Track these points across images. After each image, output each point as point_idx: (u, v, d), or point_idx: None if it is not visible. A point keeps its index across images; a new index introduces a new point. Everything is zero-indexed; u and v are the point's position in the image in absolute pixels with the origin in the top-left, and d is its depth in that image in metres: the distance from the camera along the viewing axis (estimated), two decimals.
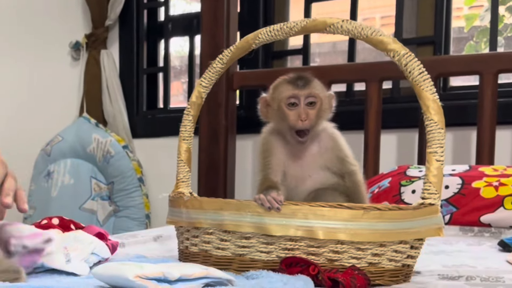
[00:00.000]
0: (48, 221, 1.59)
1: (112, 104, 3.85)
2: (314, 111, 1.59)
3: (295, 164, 1.62)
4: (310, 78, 1.62)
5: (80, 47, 4.00)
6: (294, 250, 1.39)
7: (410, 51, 1.44)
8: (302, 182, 1.61)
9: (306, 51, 3.52)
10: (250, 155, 3.57)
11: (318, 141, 1.63)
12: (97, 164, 3.75)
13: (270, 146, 1.63)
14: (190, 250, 1.53)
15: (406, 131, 3.17)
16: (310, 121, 1.57)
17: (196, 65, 3.82)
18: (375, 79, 2.98)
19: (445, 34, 3.23)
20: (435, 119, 1.41)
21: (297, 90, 1.59)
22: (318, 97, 1.59)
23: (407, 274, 1.45)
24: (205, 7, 3.31)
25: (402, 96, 3.29)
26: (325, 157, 1.62)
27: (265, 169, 1.60)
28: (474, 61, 2.86)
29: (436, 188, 1.41)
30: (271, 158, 1.61)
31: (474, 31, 3.50)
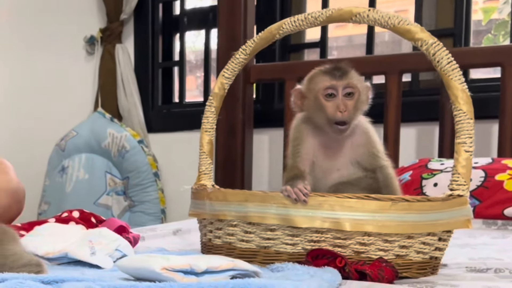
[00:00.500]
0: (69, 214, 1.58)
1: (127, 99, 3.85)
2: (352, 102, 1.55)
3: (325, 156, 1.59)
4: (347, 69, 1.58)
5: (95, 41, 4.00)
6: (320, 242, 1.37)
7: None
8: (329, 175, 1.59)
9: (324, 44, 3.50)
10: (266, 149, 3.56)
11: (351, 136, 1.59)
12: (112, 159, 3.75)
13: (302, 134, 1.60)
14: (213, 243, 1.52)
15: (425, 124, 3.15)
16: (349, 112, 1.54)
17: (212, 59, 3.81)
18: (394, 71, 2.95)
19: (465, 26, 3.20)
20: (464, 109, 1.39)
21: (335, 80, 1.55)
22: (356, 88, 1.56)
23: (434, 266, 1.44)
24: (222, 1, 3.29)
25: (422, 89, 3.27)
26: (356, 152, 1.59)
27: (294, 157, 1.58)
28: (495, 53, 2.84)
29: (465, 179, 1.40)
30: (301, 146, 1.59)
31: (492, 24, 3.47)
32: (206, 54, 3.84)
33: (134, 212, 3.71)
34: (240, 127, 3.26)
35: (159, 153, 3.85)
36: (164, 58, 3.99)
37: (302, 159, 1.57)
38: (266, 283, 1.12)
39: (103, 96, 3.92)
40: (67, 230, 1.49)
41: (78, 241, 1.38)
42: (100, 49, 3.98)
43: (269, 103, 3.61)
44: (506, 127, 2.75)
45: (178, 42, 3.96)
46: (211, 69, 3.83)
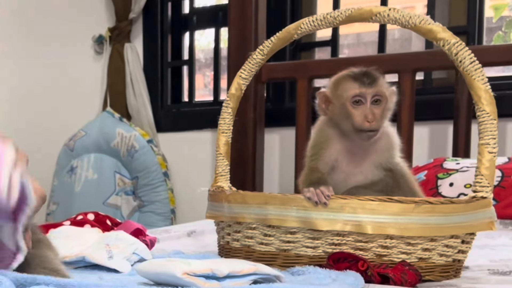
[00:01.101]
0: (84, 216, 1.57)
1: (136, 98, 3.83)
2: (380, 111, 1.54)
3: (350, 160, 1.59)
4: (376, 75, 1.56)
5: (103, 40, 3.98)
6: (341, 245, 1.36)
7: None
8: (350, 177, 1.58)
9: (335, 43, 3.48)
10: (277, 148, 3.54)
11: (376, 141, 1.59)
12: (121, 159, 3.73)
13: (326, 138, 1.59)
14: (231, 246, 1.51)
15: (439, 123, 3.13)
16: (377, 121, 1.53)
17: (222, 58, 3.80)
18: (408, 70, 2.93)
19: (478, 24, 3.18)
20: (487, 110, 1.38)
21: (364, 88, 1.54)
22: (384, 96, 1.55)
23: (457, 269, 1.42)
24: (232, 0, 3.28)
25: (434, 88, 3.25)
26: (381, 156, 1.59)
27: (315, 160, 1.57)
28: (510, 51, 2.81)
29: (488, 181, 1.38)
30: (324, 150, 1.57)
31: (502, 21, 3.45)
32: (216, 53, 3.83)
33: (143, 212, 3.69)
34: (251, 126, 3.25)
35: (169, 152, 3.84)
36: (173, 57, 3.98)
37: (323, 163, 1.56)
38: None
39: (112, 96, 3.90)
40: (83, 233, 1.48)
41: (95, 245, 1.37)
42: (108, 48, 3.96)
43: (280, 102, 3.59)
44: None
45: (188, 41, 3.95)
46: (222, 68, 3.81)
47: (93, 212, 1.58)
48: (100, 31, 3.99)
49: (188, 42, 3.93)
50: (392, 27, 3.47)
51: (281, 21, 3.46)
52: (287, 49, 3.51)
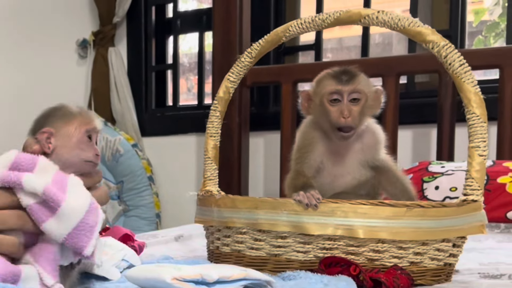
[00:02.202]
0: None
1: (121, 102, 3.80)
2: (357, 108, 1.51)
3: (335, 161, 1.56)
4: (355, 73, 1.53)
5: (87, 44, 3.95)
6: (333, 249, 1.33)
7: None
8: (338, 179, 1.56)
9: (319, 47, 3.47)
10: (261, 152, 3.52)
11: (361, 139, 1.57)
12: (106, 163, 3.69)
13: (311, 141, 1.56)
14: (221, 251, 1.47)
15: (422, 127, 3.12)
16: (353, 118, 1.50)
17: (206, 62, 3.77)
18: (392, 73, 2.92)
19: (460, 28, 3.18)
20: (477, 113, 1.36)
21: (341, 85, 1.51)
22: (362, 93, 1.52)
23: (448, 273, 1.40)
24: (217, 3, 3.25)
25: (418, 91, 3.25)
26: (367, 154, 1.57)
27: (300, 164, 1.54)
28: (493, 54, 2.81)
29: (479, 184, 1.36)
30: (309, 153, 1.55)
31: (482, 25, 3.46)
32: (200, 57, 3.80)
33: (128, 217, 3.66)
34: (236, 130, 3.23)
35: (153, 157, 3.81)
36: (157, 61, 3.95)
37: (308, 166, 1.54)
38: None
39: (96, 100, 3.87)
40: None
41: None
42: (92, 52, 3.93)
43: (265, 107, 3.57)
44: (504, 128, 2.72)
45: (171, 45, 3.92)
46: (206, 72, 3.78)
47: None
48: (84, 35, 3.96)
49: (172, 46, 3.90)
50: (374, 32, 3.46)
51: (265, 25, 3.44)
52: (271, 53, 3.49)
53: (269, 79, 3.25)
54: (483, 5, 3.51)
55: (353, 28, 3.74)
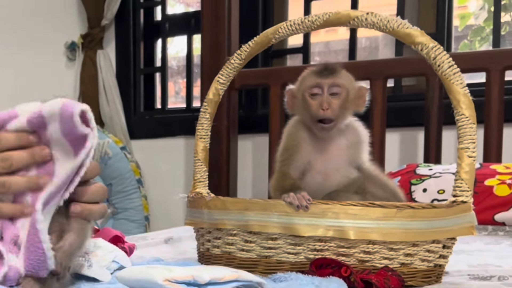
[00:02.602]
0: None
1: (109, 105, 3.78)
2: (337, 101, 1.50)
3: (323, 158, 1.55)
4: (336, 68, 1.54)
5: (76, 47, 3.93)
6: (324, 251, 1.32)
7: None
8: (328, 177, 1.54)
9: (307, 50, 3.47)
10: (250, 155, 3.51)
11: (345, 135, 1.56)
12: None
13: (297, 141, 1.56)
14: (211, 253, 1.46)
15: (409, 130, 3.12)
16: (333, 110, 1.49)
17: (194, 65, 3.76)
18: (379, 76, 2.92)
19: (447, 32, 3.19)
20: (466, 114, 1.35)
21: (321, 79, 1.51)
22: (343, 87, 1.51)
23: (439, 274, 1.39)
24: (206, 6, 3.25)
25: (404, 94, 3.25)
26: (353, 151, 1.56)
27: (287, 165, 1.53)
28: (480, 58, 2.81)
29: (468, 185, 1.35)
30: (295, 154, 1.54)
31: (468, 30, 3.46)
32: (189, 60, 3.79)
33: (117, 220, 3.64)
34: (225, 133, 3.22)
35: (142, 159, 3.80)
36: (145, 64, 3.93)
37: (295, 167, 1.53)
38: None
39: (85, 103, 3.79)
40: None
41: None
42: (81, 55, 3.91)
43: (253, 109, 3.57)
44: (491, 131, 2.73)
45: (160, 48, 3.90)
46: (194, 75, 3.77)
47: None
48: (72, 37, 3.94)
49: (161, 49, 3.88)
50: (360, 35, 3.46)
51: (253, 27, 3.43)
52: (259, 57, 3.48)
53: (258, 82, 3.25)
54: (468, 10, 3.52)
55: (340, 32, 3.74)
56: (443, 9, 3.15)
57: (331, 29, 3.79)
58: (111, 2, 3.75)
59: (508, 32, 3.29)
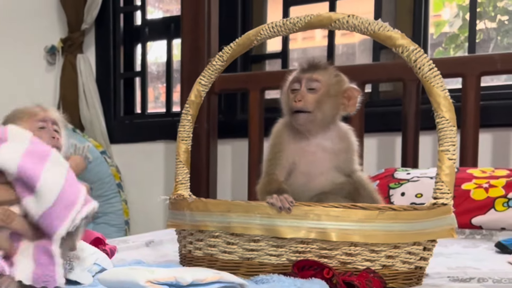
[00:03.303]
0: None
1: (89, 109, 3.75)
2: (315, 96, 1.51)
3: (308, 160, 1.54)
4: (319, 65, 1.55)
5: (55, 51, 3.88)
6: (306, 253, 1.31)
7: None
8: (312, 180, 1.53)
9: (285, 55, 3.46)
10: (229, 159, 3.49)
11: (332, 139, 1.55)
12: None
13: (281, 140, 1.56)
14: (193, 255, 1.44)
15: (387, 134, 3.12)
16: (305, 102, 1.50)
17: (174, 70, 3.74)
18: (357, 81, 2.89)
19: (423, 38, 3.19)
20: (446, 117, 1.34)
21: (300, 74, 1.53)
22: (321, 82, 1.52)
23: (419, 276, 1.38)
24: (185, 11, 3.23)
25: (382, 100, 3.25)
26: (339, 157, 1.55)
27: (273, 165, 1.52)
28: (457, 63, 2.81)
29: (448, 188, 1.34)
30: (281, 153, 1.53)
31: (442, 37, 3.47)
32: (168, 65, 3.76)
33: (97, 224, 3.60)
34: (205, 137, 3.20)
35: (122, 164, 3.76)
36: (125, 68, 3.90)
37: (281, 168, 1.52)
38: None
39: (65, 107, 3.81)
40: None
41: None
42: (61, 59, 3.87)
43: (232, 114, 3.55)
44: (467, 136, 2.73)
45: (140, 52, 3.88)
46: (174, 80, 3.75)
47: None
48: (52, 41, 3.90)
49: (141, 53, 3.86)
50: (337, 42, 3.46)
51: (233, 32, 3.41)
52: (238, 62, 3.47)
53: (237, 86, 3.23)
54: (442, 18, 3.53)
55: (317, 39, 3.74)
56: (419, 16, 3.16)
57: (309, 36, 3.79)
58: (91, 7, 3.72)
59: (482, 40, 3.30)
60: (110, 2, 3.82)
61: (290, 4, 3.45)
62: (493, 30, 3.29)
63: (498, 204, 2.30)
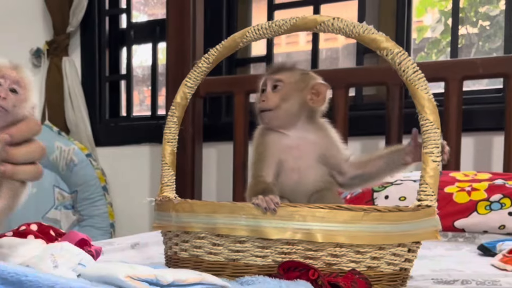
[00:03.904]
0: (27, 227, 1.48)
1: (75, 112, 3.73)
2: (276, 94, 1.55)
3: (295, 156, 1.54)
4: (285, 66, 1.61)
5: (41, 54, 3.86)
6: (291, 254, 1.30)
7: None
8: (304, 175, 1.54)
9: (270, 59, 3.45)
10: (214, 162, 3.48)
11: (310, 130, 1.57)
12: (60, 173, 3.61)
13: (264, 140, 1.57)
14: (179, 256, 1.43)
15: (370, 138, 3.12)
16: (268, 101, 1.55)
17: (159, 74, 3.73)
18: (341, 85, 2.92)
19: (406, 43, 3.20)
20: (430, 119, 1.34)
21: (266, 76, 1.59)
22: (282, 82, 1.56)
23: (404, 278, 1.38)
24: (171, 14, 3.22)
25: (365, 104, 3.25)
26: (320, 143, 1.56)
27: (259, 167, 1.52)
28: (439, 67, 2.82)
29: (433, 190, 1.34)
30: (266, 152, 1.54)
31: (424, 42, 3.48)
32: (153, 68, 3.75)
33: (83, 227, 3.58)
34: (190, 141, 3.19)
35: (107, 167, 3.74)
36: (111, 71, 3.88)
37: (267, 167, 1.52)
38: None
39: (50, 109, 3.78)
40: (27, 244, 1.39)
41: (39, 255, 1.28)
42: (46, 61, 3.84)
43: (217, 118, 3.54)
44: (450, 140, 2.73)
45: (125, 56, 3.86)
46: (159, 83, 3.74)
47: (36, 223, 1.49)
48: (37, 44, 3.88)
49: (126, 56, 3.84)
50: (321, 47, 3.46)
51: (217, 37, 3.40)
52: (223, 65, 3.46)
53: (222, 90, 3.23)
54: (424, 23, 3.55)
55: (301, 44, 3.74)
56: (402, 20, 3.17)
57: (293, 41, 3.79)
58: (76, 9, 3.70)
59: (464, 45, 3.31)
60: (96, 5, 3.80)
61: (274, 8, 3.45)
62: (475, 35, 3.31)
63: (480, 207, 2.31)
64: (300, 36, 3.71)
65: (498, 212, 2.29)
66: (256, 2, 3.62)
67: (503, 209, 2.29)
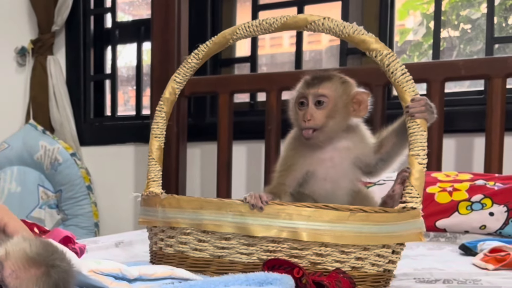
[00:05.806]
0: None
1: (59, 111, 3.70)
2: (322, 111, 1.46)
3: (325, 166, 1.49)
4: (326, 76, 1.50)
5: (26, 52, 3.82)
6: (277, 252, 1.29)
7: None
8: (338, 184, 1.48)
9: (254, 59, 3.44)
10: (198, 162, 3.46)
11: (348, 138, 1.50)
12: (44, 172, 3.58)
13: (294, 152, 1.51)
14: (164, 252, 1.41)
15: None
16: (315, 120, 1.45)
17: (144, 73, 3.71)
18: None
19: (389, 45, 3.19)
20: (417, 122, 1.34)
21: (306, 89, 1.48)
22: (328, 97, 1.47)
23: (387, 279, 1.38)
24: (155, 14, 3.19)
25: None
26: (357, 151, 1.50)
27: (283, 176, 1.49)
28: (421, 69, 2.81)
29: (418, 192, 1.34)
30: (294, 165, 1.49)
31: (407, 45, 3.49)
32: (138, 68, 3.72)
33: (67, 226, 3.55)
34: (174, 140, 3.16)
35: (92, 166, 3.72)
36: (96, 70, 3.85)
37: (292, 180, 1.48)
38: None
39: (35, 108, 3.75)
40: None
41: None
42: (31, 60, 3.81)
43: (201, 118, 3.52)
44: (431, 141, 2.71)
45: (110, 55, 3.83)
46: (143, 83, 3.71)
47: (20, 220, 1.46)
48: (22, 43, 3.84)
49: (111, 56, 3.81)
50: (305, 49, 3.45)
51: (202, 37, 3.39)
52: (208, 65, 3.44)
53: (207, 90, 3.21)
54: (406, 26, 3.55)
55: (285, 46, 3.74)
56: (385, 24, 3.17)
57: (277, 43, 3.78)
58: (61, 8, 3.66)
59: (446, 47, 3.32)
60: (81, 4, 3.77)
61: (259, 9, 3.43)
62: (456, 38, 3.31)
63: (461, 208, 2.31)
64: (284, 38, 3.70)
65: (479, 212, 2.29)
66: (240, 3, 3.61)
67: (484, 209, 2.29)
